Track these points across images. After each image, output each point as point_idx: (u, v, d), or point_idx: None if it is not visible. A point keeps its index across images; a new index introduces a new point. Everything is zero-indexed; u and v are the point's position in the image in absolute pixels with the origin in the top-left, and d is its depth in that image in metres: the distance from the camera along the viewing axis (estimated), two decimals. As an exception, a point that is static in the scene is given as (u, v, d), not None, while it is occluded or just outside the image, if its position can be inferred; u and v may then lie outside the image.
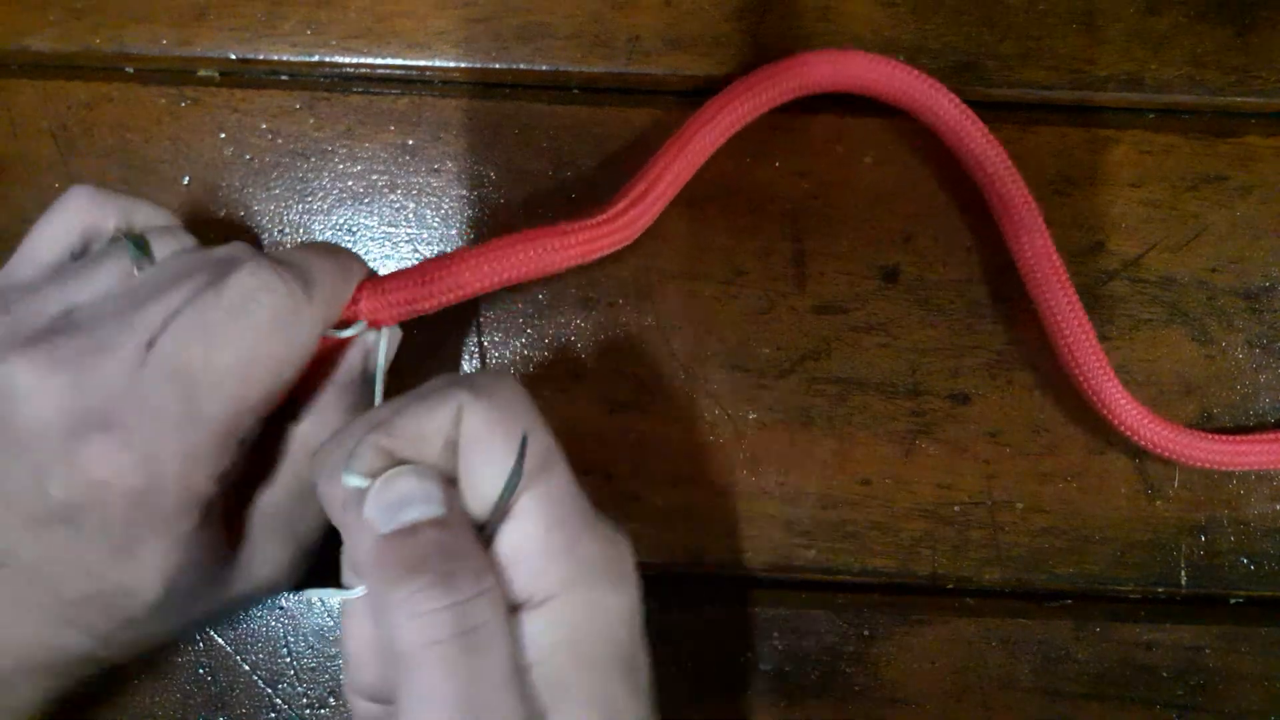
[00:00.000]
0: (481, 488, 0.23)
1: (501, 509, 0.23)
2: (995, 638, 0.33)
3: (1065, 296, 0.32)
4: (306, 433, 0.29)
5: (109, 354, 0.24)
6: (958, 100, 0.33)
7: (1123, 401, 0.32)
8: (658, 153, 0.33)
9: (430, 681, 0.21)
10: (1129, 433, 0.32)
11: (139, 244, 0.27)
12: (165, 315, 0.25)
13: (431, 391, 0.24)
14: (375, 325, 0.30)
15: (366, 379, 0.30)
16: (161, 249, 0.27)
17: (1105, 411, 0.32)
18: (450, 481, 0.23)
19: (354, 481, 0.23)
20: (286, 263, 0.27)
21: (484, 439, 0.23)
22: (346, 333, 0.29)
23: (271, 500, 0.28)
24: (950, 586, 0.34)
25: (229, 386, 0.25)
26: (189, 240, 0.28)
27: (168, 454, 0.25)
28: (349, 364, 0.29)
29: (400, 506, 0.22)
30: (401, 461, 0.23)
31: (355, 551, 0.23)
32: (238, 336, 0.25)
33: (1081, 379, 0.32)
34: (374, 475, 0.23)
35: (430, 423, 0.23)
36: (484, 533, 0.23)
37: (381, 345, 0.30)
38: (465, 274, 0.30)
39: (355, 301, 0.29)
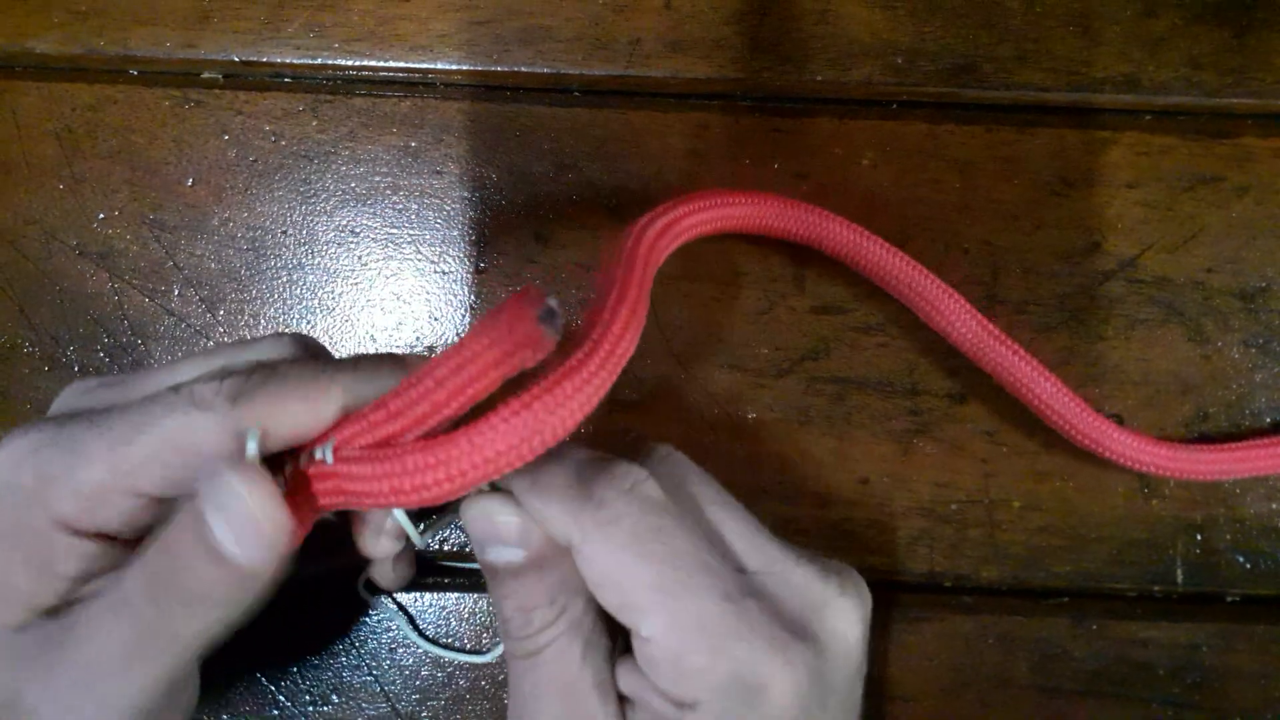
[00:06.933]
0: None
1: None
2: (992, 635, 0.33)
3: (1019, 360, 0.32)
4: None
5: None
6: (848, 223, 0.33)
7: (1117, 434, 0.32)
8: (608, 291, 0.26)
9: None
10: (1134, 465, 0.32)
11: None
12: None
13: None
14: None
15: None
16: None
17: (1105, 452, 0.32)
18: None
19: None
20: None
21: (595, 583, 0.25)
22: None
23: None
24: (948, 584, 0.34)
25: None
26: None
27: None
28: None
29: (487, 540, 0.25)
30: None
31: None
32: None
33: (1071, 431, 0.32)
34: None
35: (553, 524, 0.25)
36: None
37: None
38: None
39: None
